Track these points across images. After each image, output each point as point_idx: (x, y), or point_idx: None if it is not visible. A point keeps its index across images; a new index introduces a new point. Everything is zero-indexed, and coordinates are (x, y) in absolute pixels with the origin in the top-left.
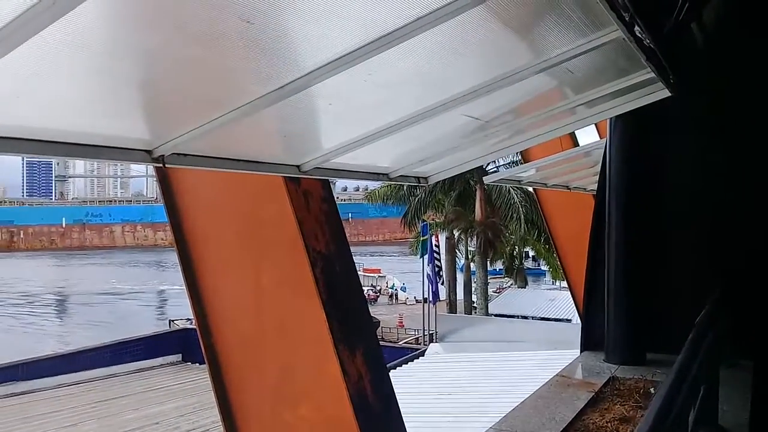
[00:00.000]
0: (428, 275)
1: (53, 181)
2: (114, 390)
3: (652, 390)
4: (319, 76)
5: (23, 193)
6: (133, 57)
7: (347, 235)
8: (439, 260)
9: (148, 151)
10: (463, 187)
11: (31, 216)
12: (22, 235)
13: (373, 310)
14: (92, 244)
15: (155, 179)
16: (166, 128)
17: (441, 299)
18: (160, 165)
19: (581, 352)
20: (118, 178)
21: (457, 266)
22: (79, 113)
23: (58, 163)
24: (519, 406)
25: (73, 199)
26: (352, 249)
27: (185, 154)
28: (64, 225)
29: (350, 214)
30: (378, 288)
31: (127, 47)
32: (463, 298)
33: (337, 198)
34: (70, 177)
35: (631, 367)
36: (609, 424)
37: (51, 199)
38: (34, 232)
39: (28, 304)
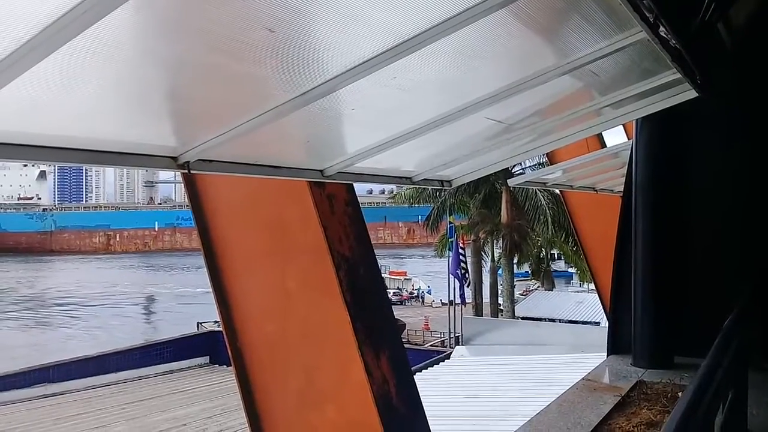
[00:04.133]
0: (454, 277)
1: (83, 187)
2: (142, 392)
3: (679, 394)
4: (342, 82)
5: (54, 199)
6: (160, 65)
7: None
8: (465, 263)
9: (174, 158)
10: (488, 189)
11: (125, 220)
12: (117, 238)
13: (399, 313)
14: (182, 246)
15: (183, 184)
16: (192, 135)
17: (467, 302)
18: (185, 171)
19: (608, 355)
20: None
21: (483, 269)
22: (106, 121)
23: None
24: (544, 410)
25: (160, 203)
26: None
27: (210, 160)
28: (156, 228)
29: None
30: (404, 290)
31: (154, 56)
32: (489, 300)
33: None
34: (157, 182)
35: (659, 371)
36: (635, 429)
37: (81, 203)
38: (128, 235)
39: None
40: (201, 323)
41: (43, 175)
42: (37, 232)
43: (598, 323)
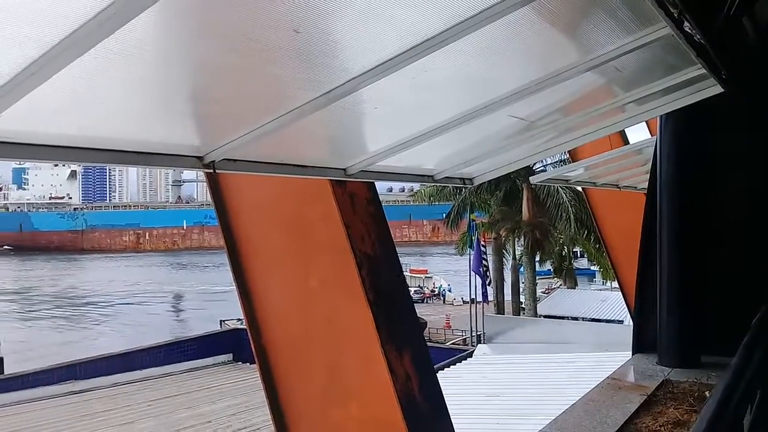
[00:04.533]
0: (476, 274)
1: (107, 186)
2: (168, 389)
3: (707, 393)
4: (365, 81)
5: (80, 198)
6: (186, 66)
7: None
8: (486, 260)
9: (199, 158)
10: (509, 186)
11: (154, 218)
12: (147, 237)
13: (420, 311)
14: (210, 244)
15: (205, 183)
16: (216, 135)
17: (489, 300)
18: (211, 171)
19: (633, 354)
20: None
21: (504, 267)
22: (132, 122)
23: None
24: (569, 409)
25: (187, 202)
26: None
27: (234, 160)
28: (185, 227)
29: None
30: (425, 288)
31: (180, 57)
32: (510, 298)
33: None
34: (184, 181)
35: (685, 370)
36: (662, 428)
37: (111, 202)
38: (158, 234)
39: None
40: (224, 321)
41: (73, 174)
42: (69, 231)
43: (621, 321)
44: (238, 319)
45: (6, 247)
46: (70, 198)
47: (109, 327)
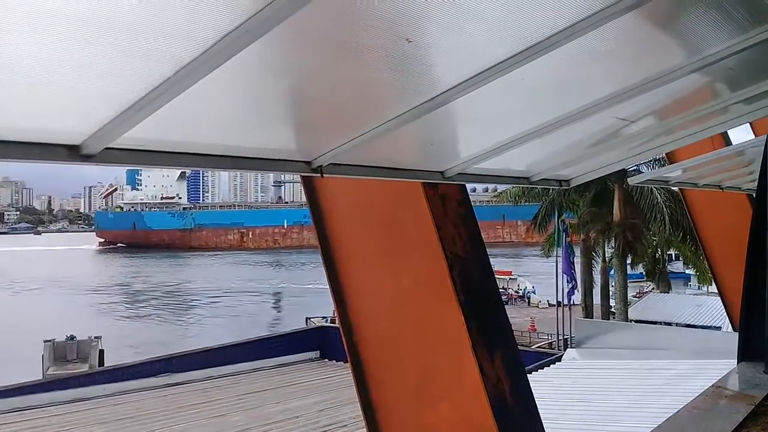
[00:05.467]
0: (566, 276)
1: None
2: (258, 384)
3: None
4: (469, 87)
5: (188, 198)
6: (297, 77)
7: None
8: (573, 262)
9: (308, 162)
10: (599, 187)
11: (257, 218)
12: (250, 236)
13: None
14: (309, 243)
15: (301, 186)
16: (324, 141)
17: (575, 303)
18: (318, 175)
19: (738, 362)
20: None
21: (594, 269)
22: (248, 130)
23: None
24: (673, 417)
25: (287, 202)
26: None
27: (339, 164)
28: (285, 226)
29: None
30: (509, 290)
31: (293, 68)
32: (600, 302)
33: None
34: (285, 182)
35: None
36: None
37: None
38: (260, 232)
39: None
40: (309, 318)
41: (182, 175)
42: (178, 229)
43: (719, 328)
44: (323, 317)
45: (120, 244)
46: (180, 198)
47: (218, 321)
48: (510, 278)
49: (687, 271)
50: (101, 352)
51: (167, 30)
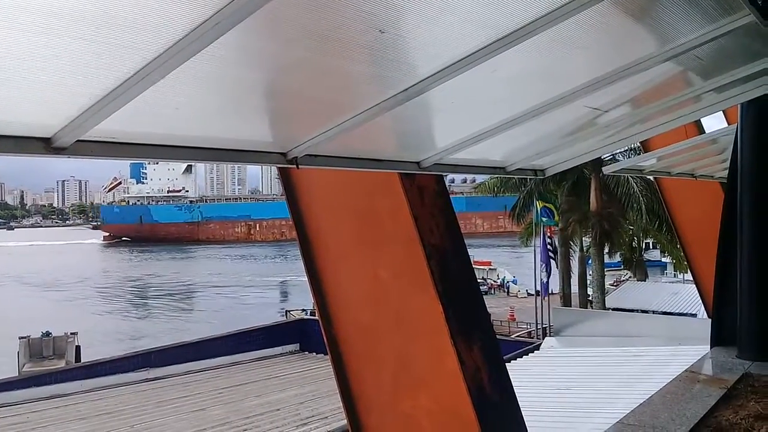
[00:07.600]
0: (545, 264)
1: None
2: (237, 377)
3: None
4: (443, 77)
5: (196, 191)
6: (273, 69)
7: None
8: (554, 251)
9: (283, 154)
10: (576, 177)
11: (263, 210)
12: (257, 228)
13: None
14: None
15: (278, 178)
16: (299, 132)
17: (553, 292)
18: (294, 166)
19: (711, 347)
20: None
21: (571, 259)
22: (223, 122)
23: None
24: (646, 401)
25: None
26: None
27: (315, 155)
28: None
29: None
30: (489, 280)
31: (269, 61)
32: (578, 291)
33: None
34: None
35: (767, 363)
36: (743, 421)
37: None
38: (267, 225)
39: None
40: (289, 311)
41: (189, 169)
42: (186, 222)
43: (695, 315)
44: (302, 309)
45: (125, 238)
46: (187, 191)
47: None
48: (489, 268)
49: (663, 260)
50: (78, 348)
51: (136, 22)
